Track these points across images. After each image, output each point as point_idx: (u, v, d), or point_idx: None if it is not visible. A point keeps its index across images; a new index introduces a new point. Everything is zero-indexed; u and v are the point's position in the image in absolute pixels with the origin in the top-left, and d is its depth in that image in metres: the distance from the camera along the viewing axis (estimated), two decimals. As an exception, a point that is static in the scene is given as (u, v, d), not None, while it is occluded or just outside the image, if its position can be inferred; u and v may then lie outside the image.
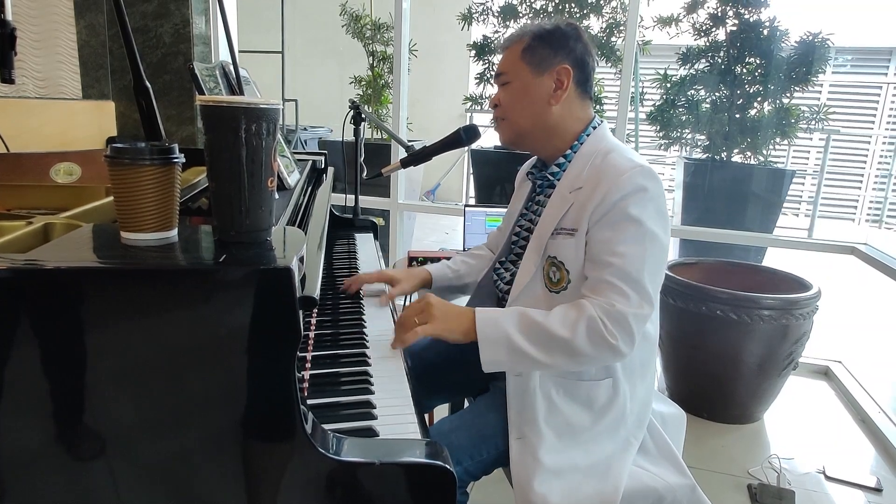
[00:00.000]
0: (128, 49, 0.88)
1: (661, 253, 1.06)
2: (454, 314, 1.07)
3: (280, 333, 0.67)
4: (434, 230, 6.02)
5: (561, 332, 1.01)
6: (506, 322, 1.04)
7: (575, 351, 1.01)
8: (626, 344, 1.01)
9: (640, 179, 1.04)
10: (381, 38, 4.45)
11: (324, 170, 1.85)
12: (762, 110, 3.71)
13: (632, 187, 1.04)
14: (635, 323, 1.01)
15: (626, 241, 1.03)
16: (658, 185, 1.07)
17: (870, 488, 1.98)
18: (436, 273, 1.41)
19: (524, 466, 1.08)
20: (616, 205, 1.04)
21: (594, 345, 1.00)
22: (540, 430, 1.10)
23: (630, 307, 1.01)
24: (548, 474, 1.07)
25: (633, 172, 1.05)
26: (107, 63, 2.68)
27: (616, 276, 1.02)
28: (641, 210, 1.04)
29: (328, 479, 0.71)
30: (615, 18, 3.95)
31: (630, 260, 1.02)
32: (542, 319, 1.03)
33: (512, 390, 1.13)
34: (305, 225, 1.20)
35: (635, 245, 1.03)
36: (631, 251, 1.03)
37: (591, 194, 1.07)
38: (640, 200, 1.04)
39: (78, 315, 0.63)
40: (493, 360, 1.03)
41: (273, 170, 0.73)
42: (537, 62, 1.14)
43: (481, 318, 1.05)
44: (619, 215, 1.04)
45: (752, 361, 2.24)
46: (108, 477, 0.67)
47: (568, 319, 1.02)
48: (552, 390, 1.12)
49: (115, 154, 0.69)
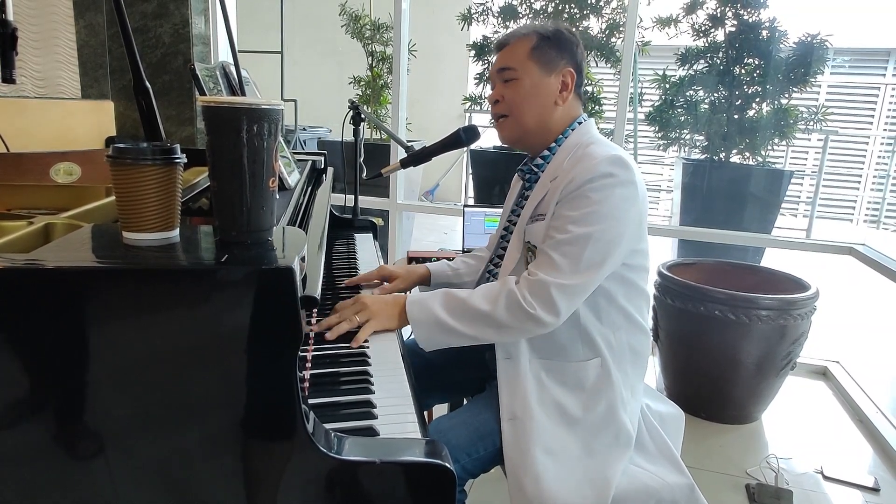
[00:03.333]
0: (127, 49, 0.88)
1: (614, 236, 1.07)
2: (388, 304, 1.14)
3: (281, 333, 0.68)
4: (433, 230, 6.02)
5: (482, 307, 1.07)
6: (432, 302, 1.10)
7: (498, 323, 1.06)
8: (547, 313, 1.04)
9: (608, 166, 1.07)
10: (381, 39, 4.45)
11: (323, 170, 1.85)
12: (761, 111, 3.72)
13: (598, 172, 1.06)
14: (558, 293, 1.04)
15: (578, 219, 1.06)
16: (629, 173, 1.08)
17: (867, 488, 1.98)
18: (435, 270, 1.43)
19: (517, 448, 1.09)
20: (580, 187, 1.07)
21: (513, 315, 1.05)
22: (532, 410, 1.11)
23: (555, 277, 1.04)
24: (541, 455, 1.08)
25: (602, 159, 1.07)
26: (106, 63, 2.68)
27: (553, 249, 1.06)
28: (604, 195, 1.06)
29: (329, 478, 0.71)
30: (615, 19, 3.95)
31: (574, 236, 1.05)
32: (466, 296, 1.09)
33: (502, 373, 1.15)
34: (306, 225, 1.20)
35: (585, 225, 1.05)
36: (579, 231, 1.05)
37: (562, 180, 1.11)
38: (604, 185, 1.06)
39: (80, 315, 0.63)
40: (425, 338, 1.10)
41: (274, 170, 0.73)
42: (546, 62, 1.16)
43: (410, 301, 1.12)
44: (579, 196, 1.07)
45: (750, 361, 2.25)
46: (108, 476, 0.68)
47: (490, 294, 1.08)
48: (542, 373, 1.14)
49: (118, 154, 0.69)
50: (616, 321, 1.15)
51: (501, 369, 1.16)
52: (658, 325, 2.46)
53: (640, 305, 1.19)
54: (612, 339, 1.15)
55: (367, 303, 1.14)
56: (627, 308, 1.16)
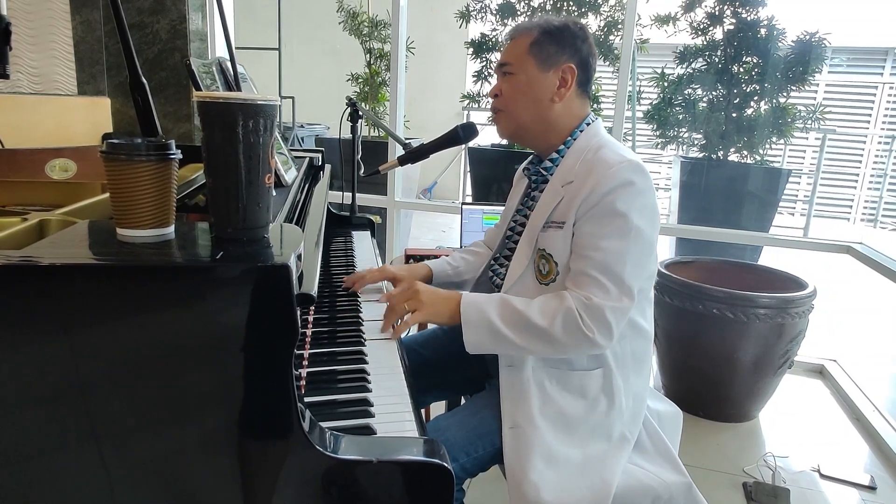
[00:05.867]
0: (124, 45, 0.87)
1: (645, 247, 1.07)
2: (441, 298, 1.12)
3: (277, 331, 0.67)
4: (431, 228, 6.02)
5: (539, 322, 1.05)
6: (488, 307, 1.08)
7: (552, 340, 1.05)
8: (604, 337, 1.03)
9: (628, 174, 1.05)
10: (379, 36, 4.43)
11: (321, 167, 1.85)
12: (759, 109, 3.72)
13: (619, 181, 1.05)
14: (613, 316, 1.03)
15: (610, 235, 1.05)
16: (646, 179, 1.07)
17: (864, 486, 1.99)
18: (436, 269, 1.42)
19: (518, 456, 1.09)
20: (603, 198, 1.06)
21: (570, 336, 1.04)
22: (534, 419, 1.10)
23: (608, 301, 1.03)
24: (541, 464, 1.07)
25: (620, 167, 1.06)
26: (102, 59, 2.66)
27: (597, 270, 1.05)
28: (628, 205, 1.05)
29: (325, 477, 0.70)
30: (613, 17, 3.94)
31: (612, 254, 1.04)
32: (523, 308, 1.06)
33: (505, 381, 1.14)
34: (303, 222, 1.20)
35: (618, 240, 1.05)
36: (613, 245, 1.04)
37: (580, 188, 1.09)
38: (627, 195, 1.05)
39: (74, 312, 0.63)
40: (475, 341, 1.08)
41: (270, 166, 0.72)
42: (544, 58, 1.14)
43: (466, 301, 1.09)
44: (604, 209, 1.06)
45: (747, 360, 2.25)
46: (102, 474, 0.67)
47: (547, 309, 1.06)
48: (545, 380, 1.13)
49: (112, 150, 0.68)
50: (622, 331, 1.14)
51: (504, 377, 1.14)
52: (656, 324, 2.46)
53: (646, 310, 1.18)
54: (616, 348, 1.14)
55: (420, 291, 1.13)
56: (634, 316, 1.14)
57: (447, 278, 1.42)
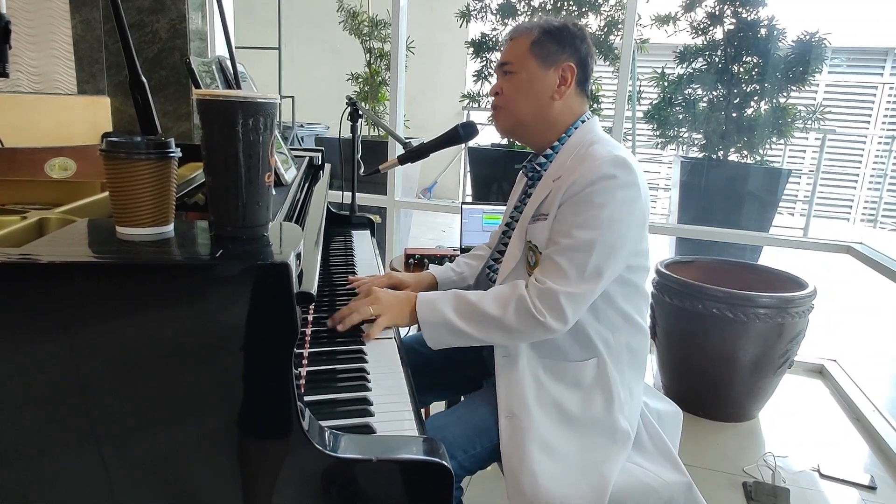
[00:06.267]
0: (123, 44, 0.87)
1: (617, 239, 1.07)
2: (399, 301, 1.15)
3: (277, 329, 0.67)
4: (431, 228, 6.01)
5: (493, 312, 1.07)
6: (443, 305, 1.10)
7: (507, 328, 1.07)
8: (557, 321, 1.05)
9: (611, 168, 1.06)
10: (379, 35, 4.43)
11: (321, 166, 1.85)
12: (759, 109, 3.72)
13: (601, 174, 1.06)
14: (567, 301, 1.04)
15: (582, 224, 1.06)
16: (630, 175, 1.08)
17: (864, 486, 1.99)
18: (440, 276, 1.43)
19: (514, 446, 1.09)
20: (583, 189, 1.07)
21: (523, 322, 1.06)
22: (529, 409, 1.11)
23: (564, 286, 1.05)
24: (538, 454, 1.08)
25: (604, 161, 1.07)
26: (102, 58, 2.66)
27: (561, 255, 1.06)
28: (607, 197, 1.06)
29: (325, 475, 0.70)
30: (613, 17, 3.95)
31: (579, 242, 1.05)
32: (477, 300, 1.09)
33: (500, 371, 1.15)
34: (302, 221, 1.20)
35: (589, 230, 1.06)
36: (583, 234, 1.06)
37: (566, 180, 1.10)
38: (607, 188, 1.06)
39: (73, 310, 0.63)
40: (435, 338, 1.11)
41: (270, 165, 0.72)
42: (545, 56, 1.16)
43: (421, 301, 1.12)
44: (582, 199, 1.07)
45: (747, 360, 2.25)
46: (102, 473, 0.67)
47: (500, 299, 1.09)
48: (540, 371, 1.15)
49: (111, 148, 0.68)
50: (614, 322, 1.15)
51: (500, 367, 1.16)
52: (656, 323, 2.46)
53: (640, 305, 1.19)
54: (610, 339, 1.15)
55: (380, 297, 1.15)
56: (626, 308, 1.15)
57: (451, 284, 1.43)
